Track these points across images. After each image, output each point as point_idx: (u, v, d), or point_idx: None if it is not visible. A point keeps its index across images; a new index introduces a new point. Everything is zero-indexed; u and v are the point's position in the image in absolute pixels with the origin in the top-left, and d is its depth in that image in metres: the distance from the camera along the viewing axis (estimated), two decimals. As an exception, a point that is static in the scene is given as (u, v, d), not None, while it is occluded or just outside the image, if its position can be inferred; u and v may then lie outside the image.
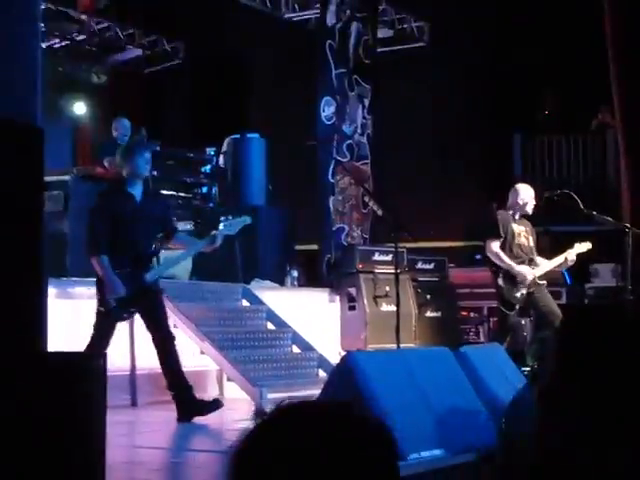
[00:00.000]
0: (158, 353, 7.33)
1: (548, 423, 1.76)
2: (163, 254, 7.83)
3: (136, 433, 6.91)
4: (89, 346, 7.16)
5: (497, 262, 8.95)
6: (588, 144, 14.54)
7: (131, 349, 8.42)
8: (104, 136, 11.35)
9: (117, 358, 7.80)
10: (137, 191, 7.35)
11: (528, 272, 8.89)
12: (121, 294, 7.10)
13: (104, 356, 3.61)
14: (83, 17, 14.32)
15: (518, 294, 8.91)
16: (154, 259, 7.46)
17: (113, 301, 7.13)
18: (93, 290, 8.57)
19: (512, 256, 8.98)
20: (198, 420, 7.16)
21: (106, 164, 10.69)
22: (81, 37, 14.61)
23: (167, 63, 15.71)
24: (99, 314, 7.22)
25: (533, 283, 8.91)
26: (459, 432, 5.39)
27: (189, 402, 7.21)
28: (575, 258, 9.06)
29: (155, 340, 7.33)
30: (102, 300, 7.18)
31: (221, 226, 7.50)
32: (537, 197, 9.22)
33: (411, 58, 14.42)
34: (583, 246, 9.10)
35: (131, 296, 7.16)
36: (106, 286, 7.11)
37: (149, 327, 7.40)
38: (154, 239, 7.46)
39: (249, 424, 1.35)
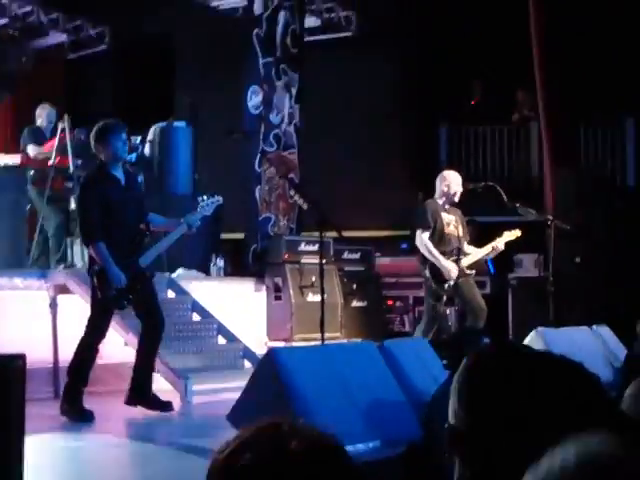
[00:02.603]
0: (143, 337, 7.24)
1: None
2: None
3: (58, 428, 6.82)
4: (86, 337, 7.01)
5: (425, 253, 8.95)
6: (513, 135, 14.71)
7: (54, 340, 8.33)
8: (26, 123, 11.14)
9: (40, 350, 7.72)
10: (120, 174, 7.14)
11: (453, 268, 8.87)
12: (122, 284, 6.91)
13: (23, 357, 3.55)
14: (4, 0, 14.03)
15: (445, 285, 8.94)
16: (145, 242, 7.30)
17: (112, 290, 6.93)
18: (14, 281, 8.49)
19: (441, 245, 8.98)
20: (125, 411, 7.13)
21: (29, 151, 10.53)
22: (3, 21, 14.30)
23: (92, 49, 15.49)
24: (97, 303, 7.02)
25: (461, 272, 8.94)
26: (383, 426, 5.42)
27: (143, 391, 7.19)
28: (503, 246, 9.11)
29: (145, 326, 7.23)
30: (101, 288, 6.94)
31: (198, 207, 7.43)
32: (464, 188, 9.25)
33: (338, 47, 14.44)
34: (512, 234, 9.15)
35: (128, 283, 6.98)
36: (107, 276, 6.89)
37: (140, 313, 7.27)
38: (141, 222, 7.26)
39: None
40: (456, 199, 9.14)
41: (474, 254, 9.12)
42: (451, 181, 9.13)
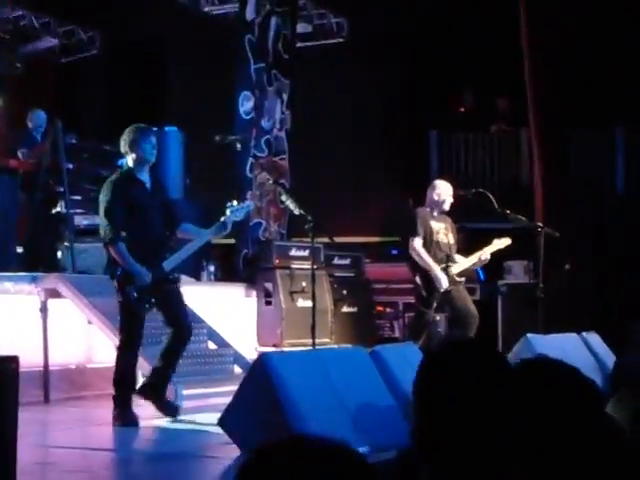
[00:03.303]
0: (168, 342, 7.14)
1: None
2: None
3: (48, 432, 6.82)
4: (121, 346, 6.93)
5: (418, 260, 8.97)
6: (503, 142, 14.76)
7: (44, 345, 8.33)
8: (18, 127, 11.15)
9: (30, 354, 7.71)
10: (145, 178, 7.06)
11: (444, 280, 8.86)
12: (146, 281, 6.79)
13: (16, 359, 3.56)
14: (-4, 5, 14.04)
15: (436, 293, 8.95)
16: (168, 247, 7.14)
17: (134, 291, 6.79)
18: (5, 285, 8.48)
19: (432, 253, 8.99)
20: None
21: (20, 156, 10.53)
22: (-6, 25, 14.33)
23: (83, 53, 15.50)
24: (122, 308, 6.89)
25: (451, 280, 8.96)
26: (373, 431, 5.43)
27: (158, 391, 7.12)
28: (489, 256, 9.14)
29: (172, 333, 7.12)
30: (122, 290, 6.81)
31: (228, 212, 7.25)
32: (454, 194, 9.29)
33: (330, 54, 14.46)
34: (502, 242, 9.17)
35: (151, 285, 6.85)
36: (129, 274, 6.77)
37: (167, 319, 7.15)
38: (166, 227, 7.14)
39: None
40: (446, 208, 9.17)
41: (461, 264, 9.14)
42: (442, 191, 9.16)
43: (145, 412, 7.22)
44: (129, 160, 7.12)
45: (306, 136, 13.32)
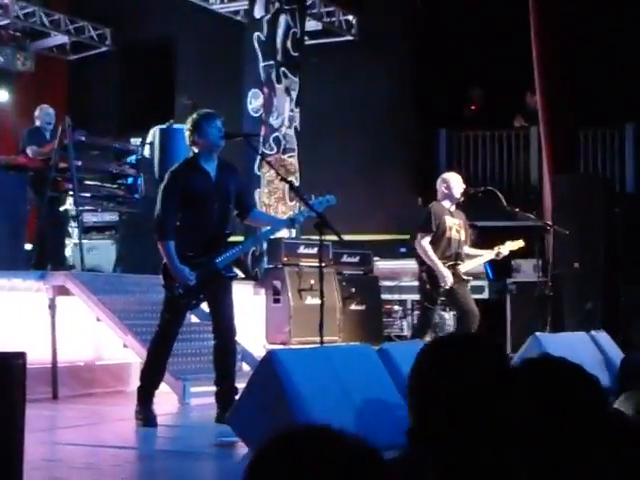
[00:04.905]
0: (214, 345, 6.85)
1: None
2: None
3: (57, 429, 6.83)
4: (155, 338, 6.72)
5: (423, 257, 8.93)
6: (512, 140, 14.74)
7: (53, 342, 8.33)
8: (27, 124, 11.17)
9: (39, 351, 7.72)
10: (212, 166, 6.64)
11: (449, 277, 8.81)
12: (188, 284, 6.53)
13: (23, 355, 3.56)
14: (7, 1, 14.06)
15: (441, 289, 8.92)
16: (226, 242, 6.79)
17: (180, 287, 6.56)
18: (13, 282, 8.49)
19: (441, 249, 8.93)
20: (123, 412, 7.10)
21: (29, 153, 10.54)
22: (4, 22, 14.35)
23: (93, 50, 15.53)
24: (167, 300, 6.67)
25: (458, 278, 8.91)
26: (381, 429, 5.42)
27: (228, 405, 6.36)
28: (507, 252, 9.09)
29: (214, 331, 6.84)
30: (169, 286, 6.60)
31: (302, 207, 7.02)
32: (463, 193, 9.22)
33: (339, 51, 14.47)
34: (515, 244, 9.11)
35: (200, 282, 6.59)
36: (173, 275, 6.52)
37: (211, 315, 6.89)
38: (230, 219, 6.79)
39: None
40: (458, 195, 9.00)
41: (470, 263, 9.07)
42: (451, 182, 9.06)
43: (154, 409, 7.23)
44: (195, 149, 6.72)
45: (315, 134, 13.32)
